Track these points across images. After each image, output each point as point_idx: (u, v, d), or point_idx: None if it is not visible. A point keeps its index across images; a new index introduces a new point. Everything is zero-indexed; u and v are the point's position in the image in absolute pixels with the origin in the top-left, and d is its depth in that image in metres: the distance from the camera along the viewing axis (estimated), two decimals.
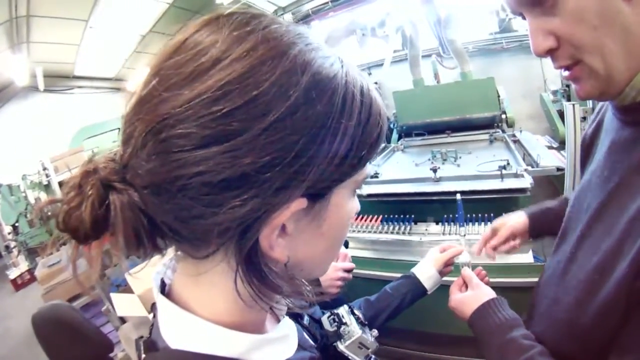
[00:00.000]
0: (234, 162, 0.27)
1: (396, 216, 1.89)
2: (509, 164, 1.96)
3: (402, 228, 1.80)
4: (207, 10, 0.32)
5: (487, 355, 0.65)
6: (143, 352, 0.36)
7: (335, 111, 0.30)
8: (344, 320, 0.60)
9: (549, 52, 0.48)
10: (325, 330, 0.59)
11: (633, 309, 0.44)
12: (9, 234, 4.98)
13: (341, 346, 0.56)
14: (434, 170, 1.97)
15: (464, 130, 2.87)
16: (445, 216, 1.79)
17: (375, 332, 0.64)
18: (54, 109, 6.36)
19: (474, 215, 1.69)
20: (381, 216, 1.91)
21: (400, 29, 3.07)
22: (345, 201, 0.36)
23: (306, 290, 0.38)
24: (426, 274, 0.92)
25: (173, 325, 0.35)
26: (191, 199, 0.28)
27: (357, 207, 0.39)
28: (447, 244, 0.98)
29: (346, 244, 1.65)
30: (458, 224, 1.71)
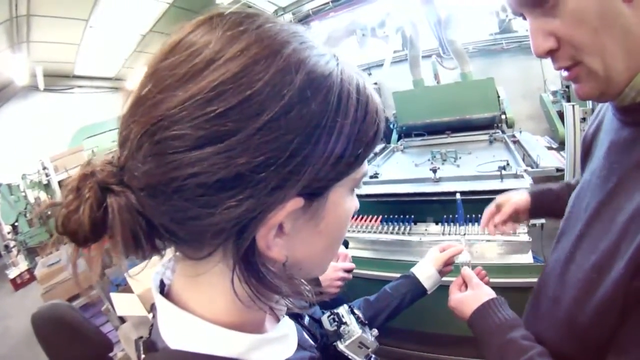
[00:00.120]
0: (229, 163, 0.27)
1: (396, 216, 1.89)
2: (508, 164, 1.96)
3: (402, 228, 1.80)
4: (208, 10, 0.32)
5: (486, 355, 0.65)
6: (142, 353, 0.36)
7: (331, 110, 0.30)
8: (344, 320, 0.60)
9: (549, 53, 0.48)
10: (325, 329, 0.58)
11: (630, 308, 0.44)
12: (8, 233, 4.98)
13: (341, 346, 0.56)
14: (434, 171, 1.97)
15: (463, 131, 2.88)
16: (445, 216, 1.79)
17: (376, 331, 0.63)
18: (53, 109, 6.35)
19: (473, 215, 1.69)
20: (381, 216, 1.91)
21: (401, 30, 3.08)
22: (344, 199, 0.36)
23: (305, 290, 0.38)
24: (426, 273, 0.92)
25: (172, 326, 0.35)
26: (187, 200, 0.28)
27: (356, 206, 0.39)
28: (447, 244, 0.97)
29: (346, 244, 1.65)
30: (458, 224, 1.71)
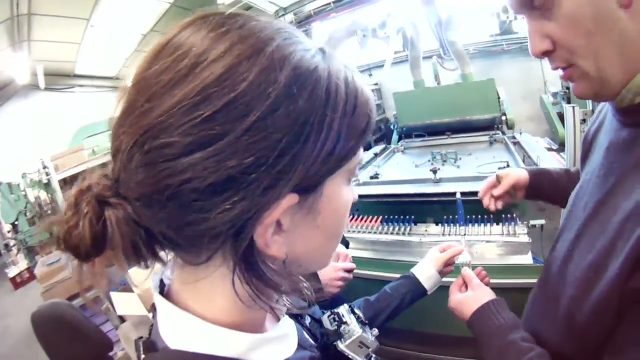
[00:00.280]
0: (219, 166, 0.27)
1: (396, 217, 1.89)
2: (508, 165, 1.97)
3: (402, 229, 1.80)
4: (208, 10, 0.32)
5: (486, 356, 0.65)
6: (142, 353, 0.36)
7: (319, 105, 0.30)
8: (344, 319, 0.60)
9: (545, 54, 0.49)
10: (325, 329, 0.58)
11: (626, 308, 0.45)
12: (8, 232, 4.98)
13: (341, 345, 0.56)
14: (434, 172, 1.97)
15: (464, 132, 2.88)
16: (445, 217, 1.79)
17: (376, 331, 0.63)
18: (54, 108, 6.35)
19: (473, 216, 1.69)
20: (381, 217, 1.91)
21: (401, 30, 3.09)
22: (340, 191, 0.36)
23: (305, 288, 0.38)
24: (426, 274, 0.92)
25: (172, 326, 0.35)
26: (181, 206, 0.28)
27: (355, 197, 0.39)
28: (447, 244, 0.97)
29: (346, 245, 1.65)
30: (458, 224, 1.71)
